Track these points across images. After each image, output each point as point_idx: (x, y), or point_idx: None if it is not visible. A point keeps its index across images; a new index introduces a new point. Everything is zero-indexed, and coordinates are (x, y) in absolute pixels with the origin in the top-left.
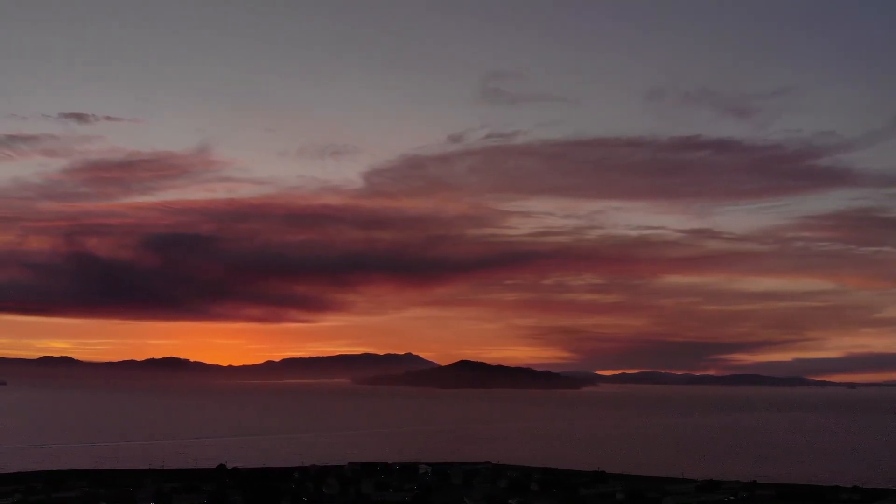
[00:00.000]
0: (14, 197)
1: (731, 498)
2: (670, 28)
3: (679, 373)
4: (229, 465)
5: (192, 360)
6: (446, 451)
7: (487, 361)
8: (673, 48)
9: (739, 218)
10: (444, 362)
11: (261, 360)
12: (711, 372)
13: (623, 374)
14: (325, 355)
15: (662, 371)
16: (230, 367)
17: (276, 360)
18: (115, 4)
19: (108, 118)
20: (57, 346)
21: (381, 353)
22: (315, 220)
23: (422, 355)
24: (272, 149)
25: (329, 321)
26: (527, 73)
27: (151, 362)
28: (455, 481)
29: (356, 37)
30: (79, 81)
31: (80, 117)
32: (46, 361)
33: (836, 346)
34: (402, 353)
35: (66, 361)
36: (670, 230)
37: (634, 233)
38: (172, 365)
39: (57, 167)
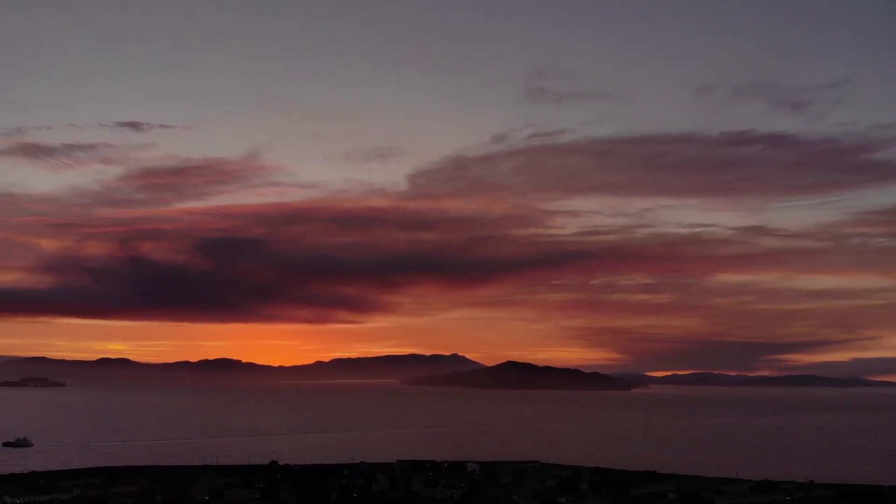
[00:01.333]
0: (72, 204)
1: (787, 498)
2: (719, 20)
3: (732, 374)
4: (281, 462)
5: (244, 360)
6: (494, 450)
7: (534, 362)
8: (722, 41)
9: (794, 214)
10: (490, 363)
11: (310, 361)
12: (766, 373)
13: (674, 376)
14: (372, 356)
15: (715, 372)
16: (281, 367)
17: (326, 360)
18: (167, 16)
19: (161, 126)
20: (114, 348)
21: (428, 353)
22: (361, 222)
23: (468, 356)
24: (319, 153)
25: (376, 322)
26: (572, 71)
27: (205, 363)
28: (504, 480)
29: (399, 39)
30: (133, 91)
31: (134, 126)
32: (104, 363)
33: (895, 345)
34: (448, 353)
35: (123, 363)
36: (722, 228)
37: (685, 231)
38: (225, 366)
39: (113, 174)
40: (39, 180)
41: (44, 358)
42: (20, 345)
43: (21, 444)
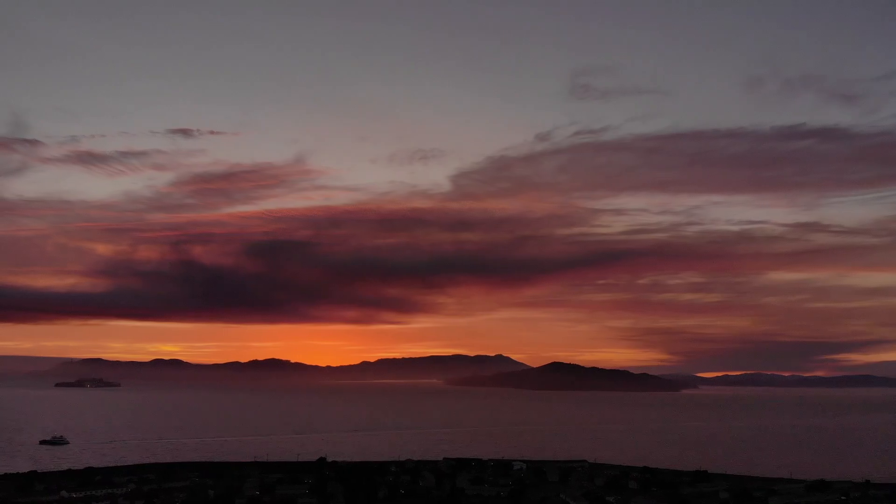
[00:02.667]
0: (126, 210)
1: (843, 498)
2: (768, 11)
3: (786, 374)
4: (329, 459)
5: (292, 360)
6: (541, 449)
7: (581, 363)
8: (772, 32)
9: (849, 209)
10: (535, 364)
11: (357, 361)
12: (821, 373)
13: (726, 377)
14: (417, 356)
15: (768, 373)
16: (328, 367)
17: (371, 360)
18: (214, 24)
19: (211, 132)
20: (167, 349)
21: (472, 354)
22: (405, 223)
23: (513, 357)
24: (364, 156)
25: (420, 323)
26: (616, 67)
27: (254, 363)
28: (551, 478)
29: (441, 40)
30: (183, 98)
31: (185, 132)
32: (158, 364)
33: None
34: (492, 354)
35: (175, 364)
36: (774, 224)
37: (736, 228)
38: (274, 366)
39: (165, 180)
40: (94, 187)
41: (99, 359)
42: (77, 347)
43: (57, 442)
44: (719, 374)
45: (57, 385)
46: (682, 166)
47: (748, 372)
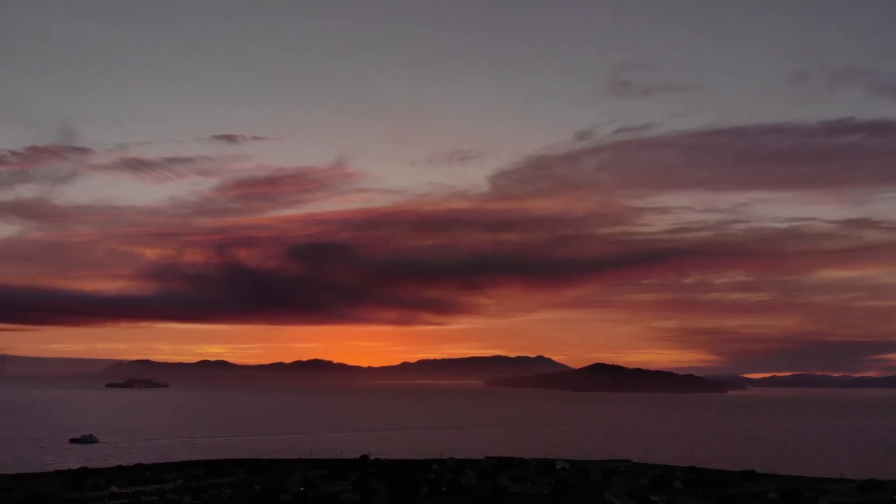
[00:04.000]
0: (173, 214)
1: (895, 497)
2: (813, 3)
3: (836, 375)
4: (371, 457)
5: (334, 361)
6: (584, 449)
7: (624, 365)
8: (818, 25)
9: None
10: (577, 365)
11: (398, 362)
12: (872, 373)
13: (774, 378)
14: (457, 357)
15: (818, 373)
16: (370, 368)
17: (412, 361)
18: (256, 30)
19: (255, 138)
20: (213, 350)
21: (513, 355)
22: (444, 224)
23: (554, 358)
24: (403, 159)
25: (460, 324)
26: (658, 63)
27: (298, 364)
28: (594, 477)
29: (477, 41)
30: (227, 104)
31: (229, 138)
32: (204, 365)
33: None
34: (533, 355)
35: (221, 365)
36: (823, 221)
37: (783, 225)
38: (317, 366)
39: (210, 185)
40: (142, 193)
41: (148, 361)
42: (126, 349)
43: (87, 440)
44: (767, 375)
45: (107, 386)
46: (726, 163)
47: (797, 373)
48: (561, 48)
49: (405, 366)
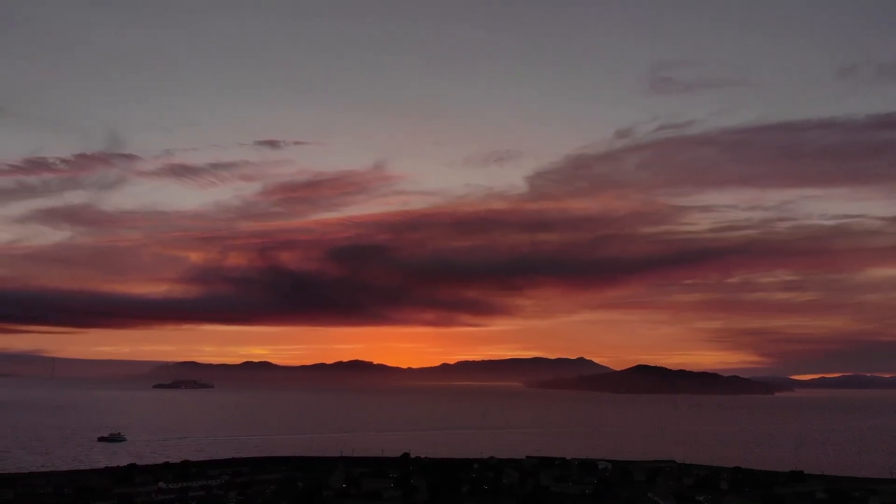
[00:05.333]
0: (217, 218)
1: None
2: None
3: (888, 376)
4: (412, 455)
5: (374, 362)
6: (626, 450)
7: (667, 366)
8: (864, 17)
9: None
10: (618, 367)
11: (437, 363)
12: None
13: (822, 379)
14: (496, 358)
15: (867, 374)
16: (409, 369)
17: (451, 362)
18: (295, 37)
19: (296, 143)
20: (257, 352)
21: (552, 357)
22: (482, 225)
23: (595, 360)
24: (440, 160)
25: (498, 325)
26: (699, 59)
27: (339, 365)
28: (637, 478)
29: (513, 40)
30: (269, 110)
31: (272, 143)
32: (248, 366)
33: None
34: (573, 357)
35: (265, 366)
36: (872, 218)
37: (831, 223)
38: (358, 367)
39: (252, 190)
40: (187, 198)
41: (193, 362)
42: (172, 350)
43: (115, 439)
44: (815, 376)
45: (155, 387)
46: (771, 159)
47: (846, 374)
48: (600, 45)
49: (444, 367)
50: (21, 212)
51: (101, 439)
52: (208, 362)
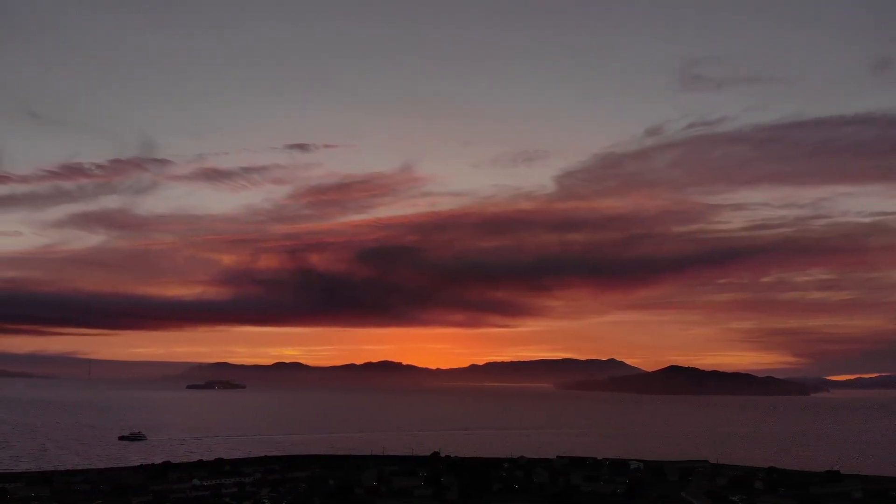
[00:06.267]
0: (248, 222)
1: None
2: None
3: None
4: (442, 454)
5: (403, 363)
6: (659, 450)
7: (700, 367)
8: None
9: None
10: (650, 368)
11: (465, 364)
12: None
13: (859, 380)
14: (526, 360)
15: None
16: (438, 370)
17: (480, 363)
18: (322, 40)
19: (325, 146)
20: (288, 353)
21: (583, 358)
22: (510, 225)
23: (626, 361)
24: (468, 161)
25: (527, 326)
26: (730, 56)
27: (369, 365)
28: (670, 478)
29: (539, 38)
30: (299, 114)
31: (302, 147)
32: (279, 367)
33: None
34: (604, 358)
35: (296, 366)
36: None
37: (867, 220)
38: (387, 368)
39: (283, 193)
40: (219, 201)
41: (226, 363)
42: (205, 352)
43: (136, 437)
44: (851, 377)
45: (188, 387)
46: (805, 156)
47: (883, 374)
48: (629, 42)
49: (473, 368)
50: (58, 216)
51: (122, 438)
52: (241, 363)
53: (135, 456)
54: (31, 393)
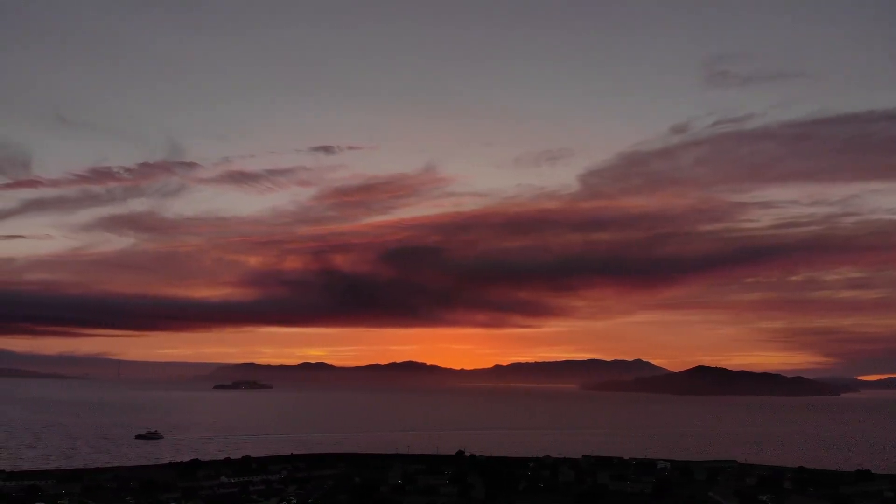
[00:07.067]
0: (274, 223)
1: None
2: None
3: None
4: (467, 453)
5: (428, 363)
6: (686, 450)
7: (728, 367)
8: None
9: None
10: (677, 369)
11: (490, 364)
12: None
13: (890, 379)
14: (550, 360)
15: None
16: (462, 370)
17: (504, 364)
18: (344, 42)
19: (349, 147)
20: (314, 353)
21: (609, 359)
22: (533, 225)
23: (652, 361)
24: (491, 161)
25: (552, 326)
26: (757, 51)
27: (393, 366)
28: (698, 477)
29: (562, 35)
30: (324, 116)
31: (326, 149)
32: (305, 367)
33: None
34: (630, 359)
35: (321, 367)
36: None
37: None
38: (412, 368)
39: (308, 195)
40: (245, 204)
41: (252, 364)
42: (232, 352)
43: (153, 436)
44: (882, 376)
45: (216, 387)
46: (834, 153)
47: None
48: (653, 38)
49: (497, 368)
50: (87, 220)
51: (139, 437)
52: (267, 363)
53: (164, 454)
54: (61, 393)
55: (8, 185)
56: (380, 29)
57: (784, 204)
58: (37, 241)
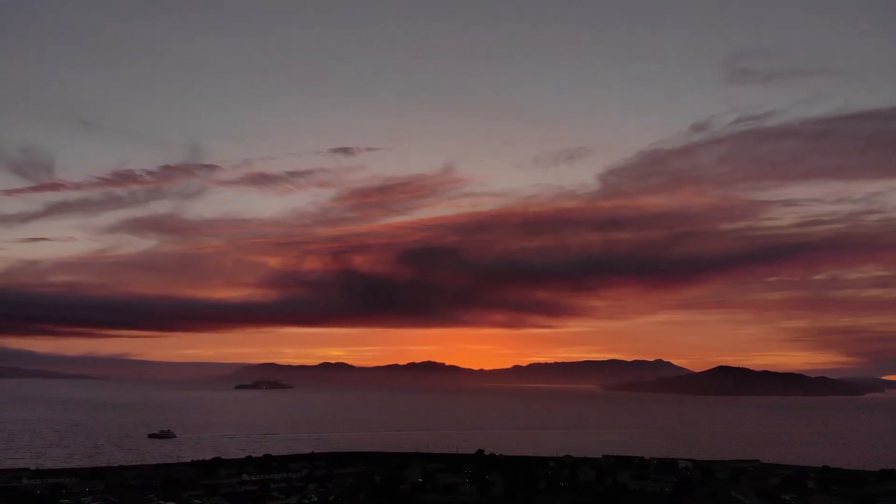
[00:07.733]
0: (294, 225)
1: None
2: None
3: None
4: (487, 452)
5: (446, 363)
6: (708, 449)
7: (750, 367)
8: None
9: None
10: (698, 369)
11: (509, 365)
12: None
13: None
14: (570, 360)
15: None
16: (481, 370)
17: (523, 364)
18: (362, 43)
19: (368, 149)
20: (334, 353)
21: (629, 359)
22: (552, 225)
23: (674, 362)
24: (509, 161)
25: (571, 327)
26: (778, 48)
27: (412, 366)
28: (720, 477)
29: (580, 33)
30: (341, 118)
31: (345, 150)
32: (325, 367)
33: None
34: (651, 359)
35: (341, 367)
36: None
37: None
38: (430, 368)
39: (327, 196)
40: (265, 205)
41: (273, 364)
42: (252, 353)
43: (165, 435)
44: None
45: (237, 387)
46: (858, 150)
47: None
48: (673, 35)
49: (517, 369)
50: (109, 222)
51: (152, 436)
52: (287, 363)
53: (186, 452)
54: (84, 394)
55: (32, 189)
56: (398, 30)
57: (806, 202)
58: (60, 243)
